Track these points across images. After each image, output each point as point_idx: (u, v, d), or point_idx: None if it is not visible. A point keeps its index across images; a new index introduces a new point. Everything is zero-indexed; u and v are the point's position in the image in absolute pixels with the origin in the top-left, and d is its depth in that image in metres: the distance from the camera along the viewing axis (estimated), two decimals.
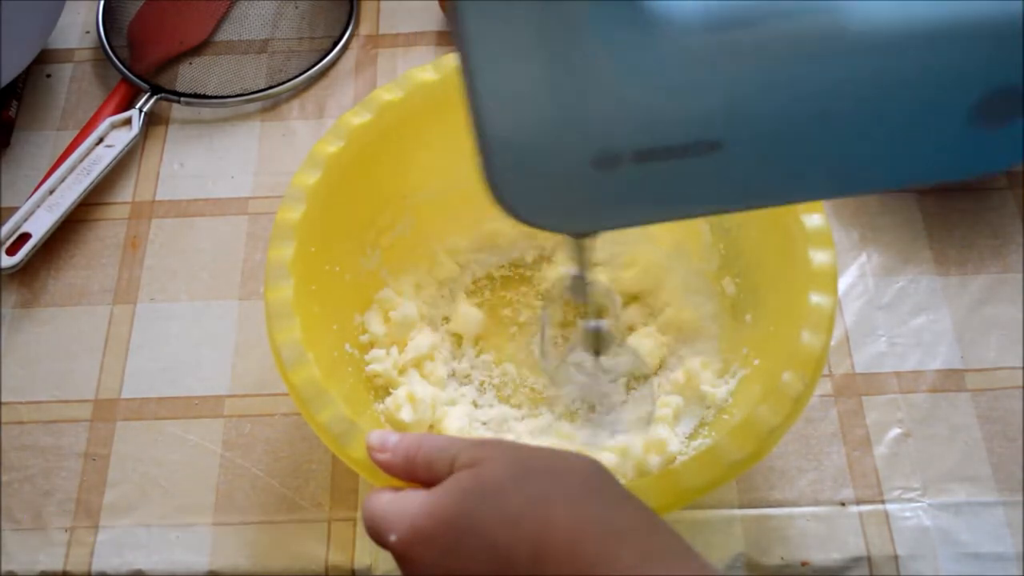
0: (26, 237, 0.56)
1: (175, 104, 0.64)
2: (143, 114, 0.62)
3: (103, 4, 0.68)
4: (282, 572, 0.47)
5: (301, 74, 0.65)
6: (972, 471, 0.49)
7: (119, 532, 0.49)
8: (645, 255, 0.54)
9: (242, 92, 0.64)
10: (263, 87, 0.64)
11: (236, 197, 0.60)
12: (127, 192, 0.61)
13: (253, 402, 0.52)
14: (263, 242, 0.58)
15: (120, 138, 0.61)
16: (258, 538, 0.48)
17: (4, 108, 0.64)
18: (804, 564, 0.46)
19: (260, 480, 0.50)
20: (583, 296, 0.39)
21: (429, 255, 0.55)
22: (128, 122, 0.62)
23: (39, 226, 0.57)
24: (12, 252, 0.56)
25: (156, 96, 0.63)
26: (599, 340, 0.42)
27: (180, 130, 0.64)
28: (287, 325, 0.42)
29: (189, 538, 0.48)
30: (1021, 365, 0.52)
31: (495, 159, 0.28)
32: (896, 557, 0.46)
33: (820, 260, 0.42)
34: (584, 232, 0.35)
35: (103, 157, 0.60)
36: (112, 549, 0.48)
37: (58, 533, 0.49)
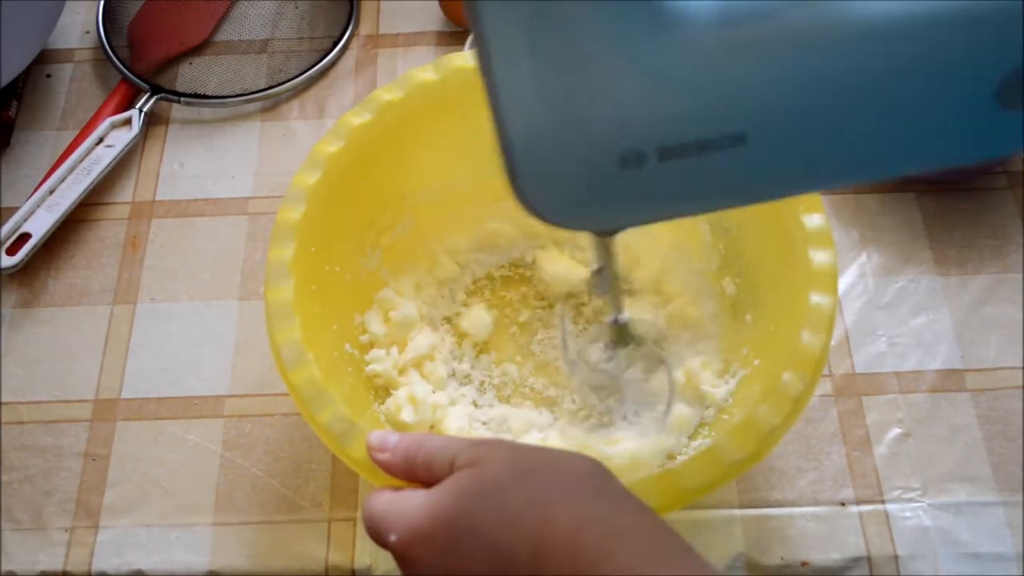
0: (26, 237, 0.56)
1: (175, 104, 0.64)
2: (143, 114, 0.62)
3: (103, 4, 0.68)
4: (282, 572, 0.47)
5: (301, 74, 0.65)
6: (972, 471, 0.49)
7: (119, 532, 0.49)
8: (647, 251, 0.54)
9: (242, 92, 0.64)
10: (263, 87, 0.64)
11: (236, 197, 0.60)
12: (127, 192, 0.61)
13: (253, 402, 0.52)
14: (263, 242, 0.58)
15: (120, 138, 0.61)
16: (258, 538, 0.48)
17: (4, 108, 0.64)
18: (804, 564, 0.46)
19: (260, 480, 0.50)
20: (606, 290, 0.39)
21: (429, 255, 0.55)
22: (128, 122, 0.62)
23: (39, 226, 0.57)
24: (12, 252, 0.56)
25: (156, 96, 0.63)
26: (621, 334, 0.43)
27: (180, 130, 0.64)
28: (287, 325, 0.42)
29: (189, 538, 0.48)
30: (1021, 365, 0.52)
31: (518, 160, 0.28)
32: (896, 557, 0.46)
33: (820, 260, 0.42)
34: (608, 230, 0.35)
35: (103, 157, 0.60)
36: (112, 549, 0.48)
37: (58, 533, 0.49)
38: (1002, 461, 0.49)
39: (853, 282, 0.55)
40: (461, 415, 0.49)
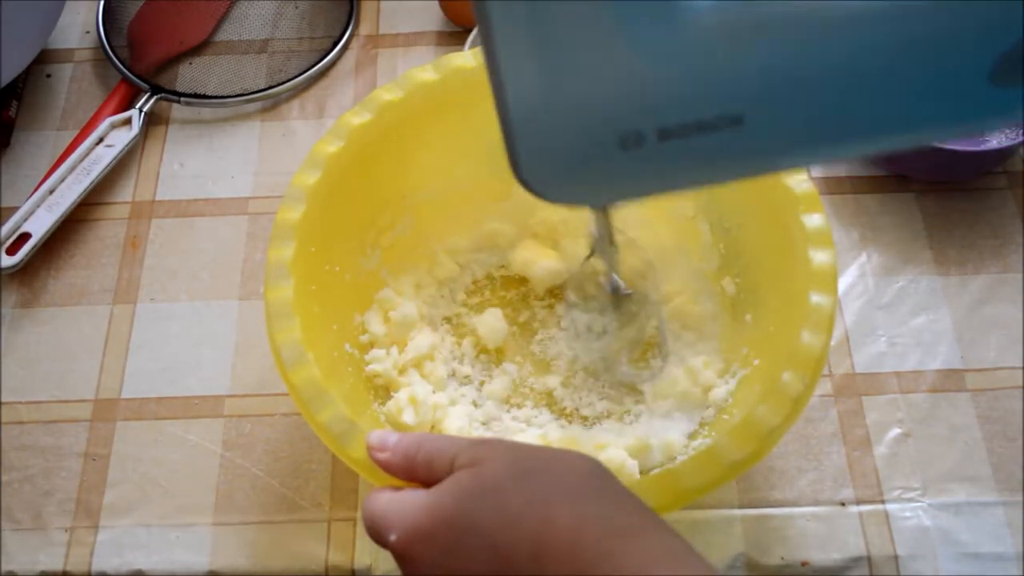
0: (26, 237, 0.56)
1: (175, 104, 0.64)
2: (143, 114, 0.62)
3: (103, 4, 0.68)
4: (282, 572, 0.47)
5: (301, 74, 0.65)
6: (972, 471, 0.49)
7: (119, 532, 0.49)
8: (649, 244, 0.54)
9: (242, 92, 0.64)
10: (263, 87, 0.64)
11: (236, 197, 0.60)
12: (127, 192, 0.61)
13: (253, 402, 0.52)
14: (263, 242, 0.58)
15: (120, 138, 0.61)
16: (258, 538, 0.48)
17: (4, 108, 0.64)
18: (804, 564, 0.46)
19: (260, 480, 0.50)
20: (607, 254, 0.40)
21: (429, 255, 0.55)
22: (128, 122, 0.62)
23: (39, 226, 0.57)
24: (12, 252, 0.56)
25: (156, 96, 0.63)
26: (619, 299, 0.44)
27: (180, 130, 0.64)
28: (287, 325, 0.42)
29: (189, 538, 0.48)
30: (1021, 365, 0.52)
31: (517, 137, 0.29)
32: (896, 557, 0.46)
33: (820, 260, 0.42)
34: (605, 206, 0.36)
35: (103, 157, 0.60)
36: (112, 549, 0.48)
37: (58, 533, 0.49)
38: (1002, 461, 0.49)
39: (853, 282, 0.55)
40: (461, 415, 0.49)
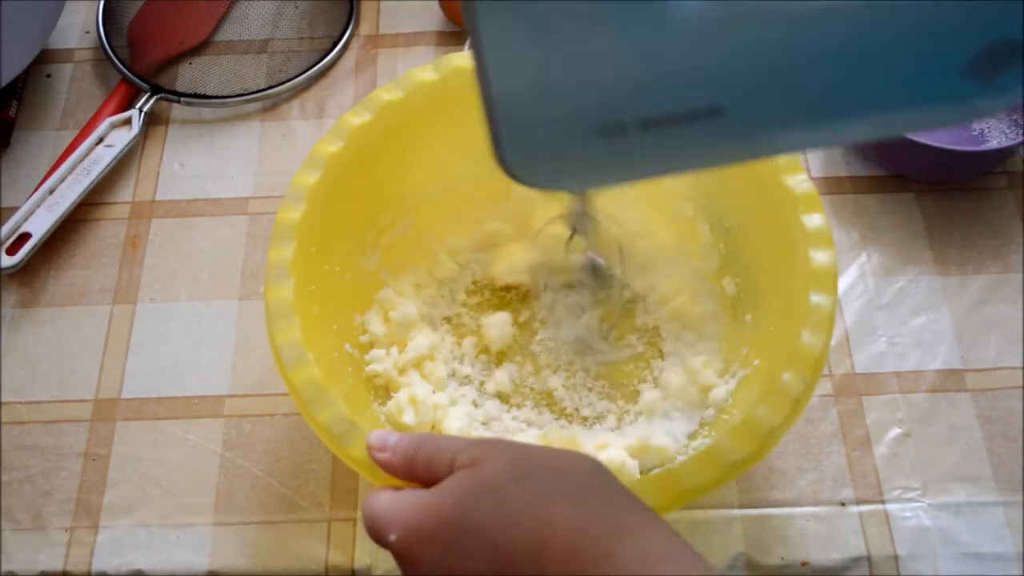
0: (26, 237, 0.56)
1: (175, 104, 0.64)
2: (143, 114, 0.62)
3: (103, 4, 0.68)
4: (282, 572, 0.47)
5: (301, 74, 0.65)
6: (972, 471, 0.49)
7: (119, 532, 0.49)
8: (646, 247, 0.54)
9: (242, 92, 0.64)
10: (263, 87, 0.64)
11: (236, 197, 0.60)
12: (127, 192, 0.61)
13: (253, 402, 0.52)
14: (263, 242, 0.58)
15: (120, 138, 0.61)
16: (258, 538, 0.48)
17: (4, 108, 0.64)
18: (804, 564, 0.46)
19: (260, 480, 0.50)
20: (585, 229, 0.40)
21: (429, 255, 0.55)
22: (128, 122, 0.62)
23: (39, 226, 0.57)
24: (12, 252, 0.56)
25: (156, 96, 0.63)
26: (596, 273, 0.44)
27: (180, 130, 0.64)
28: (287, 325, 0.42)
29: (189, 538, 0.48)
30: (1021, 365, 0.52)
31: (499, 123, 0.29)
32: (896, 557, 0.46)
33: (820, 260, 0.42)
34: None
35: (103, 157, 0.60)
36: (112, 549, 0.48)
37: (58, 533, 0.49)
38: (1002, 461, 0.49)
39: (853, 282, 0.55)
40: (461, 415, 0.49)
